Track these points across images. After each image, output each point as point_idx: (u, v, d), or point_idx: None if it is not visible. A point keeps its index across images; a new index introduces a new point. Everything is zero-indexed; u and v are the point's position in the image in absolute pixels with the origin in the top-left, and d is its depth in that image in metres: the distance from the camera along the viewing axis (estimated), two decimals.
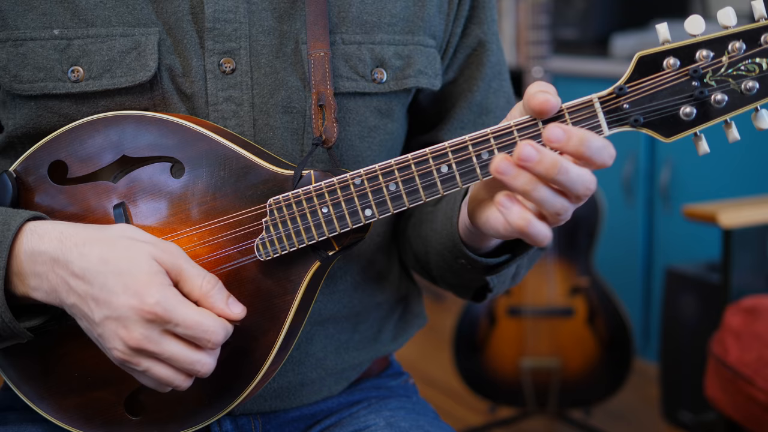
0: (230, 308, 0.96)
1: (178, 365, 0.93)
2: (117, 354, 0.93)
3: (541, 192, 0.89)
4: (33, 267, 0.95)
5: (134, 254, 0.93)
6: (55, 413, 1.05)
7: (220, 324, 0.94)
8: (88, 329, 0.95)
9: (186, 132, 1.00)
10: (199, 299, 0.94)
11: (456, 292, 1.19)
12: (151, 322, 0.91)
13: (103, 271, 0.92)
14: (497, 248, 1.08)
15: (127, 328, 0.92)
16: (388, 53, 1.09)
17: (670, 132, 0.90)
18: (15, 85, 1.04)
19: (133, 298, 0.91)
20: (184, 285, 0.94)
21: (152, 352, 0.92)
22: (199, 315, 0.93)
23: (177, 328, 0.92)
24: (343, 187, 0.96)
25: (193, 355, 0.93)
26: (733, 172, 2.91)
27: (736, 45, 0.87)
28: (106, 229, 0.96)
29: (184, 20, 1.04)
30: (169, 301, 0.92)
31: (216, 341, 0.93)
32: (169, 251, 0.95)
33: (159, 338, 0.92)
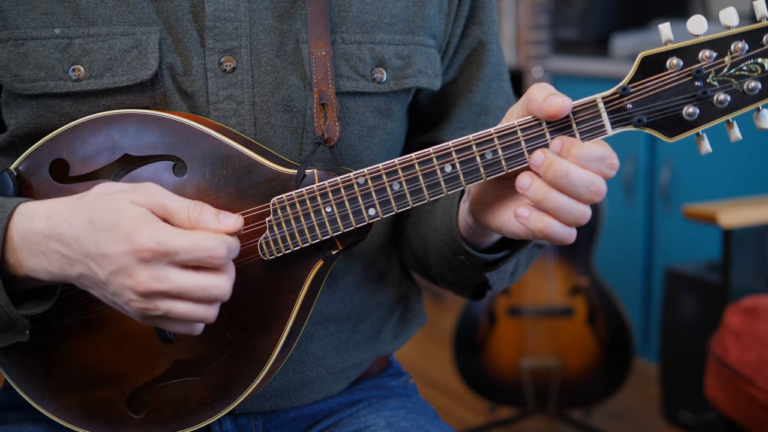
0: (222, 222, 0.93)
1: (193, 296, 0.92)
2: (134, 305, 0.92)
3: (555, 199, 0.90)
4: (29, 248, 0.95)
5: (115, 206, 0.92)
6: (56, 412, 1.05)
7: (219, 239, 0.92)
8: (102, 296, 0.94)
9: (188, 130, 1.00)
10: (191, 228, 0.93)
11: (455, 291, 1.19)
12: (151, 261, 0.90)
13: (92, 232, 0.92)
14: (496, 244, 1.08)
15: (131, 275, 0.90)
16: (388, 53, 1.09)
17: (673, 132, 0.91)
18: (16, 84, 1.04)
19: (125, 244, 0.90)
20: (173, 219, 0.93)
21: (164, 291, 0.91)
22: (194, 237, 0.91)
23: (177, 256, 0.90)
24: (346, 187, 0.96)
25: (204, 279, 0.92)
26: (733, 172, 2.92)
27: (739, 45, 0.88)
28: (86, 194, 0.95)
29: (184, 19, 1.05)
30: (160, 234, 0.90)
31: (220, 256, 0.91)
32: (148, 192, 0.94)
33: (165, 274, 0.90)
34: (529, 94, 0.92)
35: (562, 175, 0.89)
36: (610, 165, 0.90)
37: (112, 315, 1.03)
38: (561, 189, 0.90)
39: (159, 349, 1.03)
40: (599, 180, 0.90)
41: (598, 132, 0.91)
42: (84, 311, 1.04)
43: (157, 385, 1.03)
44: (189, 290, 0.91)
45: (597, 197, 0.90)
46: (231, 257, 0.93)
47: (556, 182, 0.90)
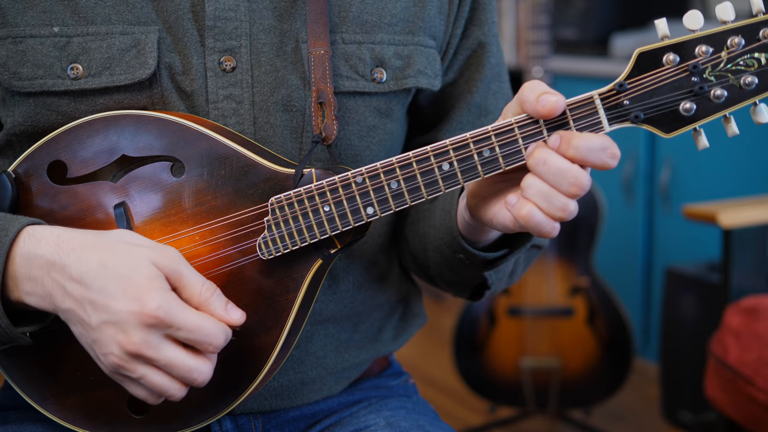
0: (229, 314, 0.95)
1: (175, 372, 0.92)
2: (113, 359, 0.92)
3: (536, 186, 0.90)
4: (28, 271, 0.94)
5: (133, 259, 0.92)
6: (57, 413, 1.05)
7: (221, 328, 0.93)
8: (81, 335, 0.94)
9: (186, 131, 1.00)
10: (198, 306, 0.93)
11: (453, 291, 1.19)
12: (152, 327, 0.90)
13: (101, 276, 0.91)
14: (495, 243, 1.08)
15: (125, 332, 0.90)
16: (388, 53, 1.09)
17: (670, 127, 0.91)
18: (14, 82, 1.04)
19: (134, 303, 0.90)
20: (184, 291, 0.94)
21: (150, 358, 0.91)
22: (200, 319, 0.92)
23: (179, 332, 0.91)
24: (344, 185, 0.97)
25: (192, 361, 0.92)
26: (733, 172, 2.92)
27: (735, 40, 0.88)
28: (105, 235, 0.95)
29: (184, 18, 1.05)
30: (171, 305, 0.91)
31: (217, 345, 0.93)
32: (169, 256, 0.94)
33: (158, 343, 0.91)
34: (522, 93, 0.92)
35: (541, 162, 0.90)
36: (612, 154, 0.90)
37: None
38: (540, 176, 0.90)
39: None
40: (580, 171, 0.89)
41: (596, 128, 0.91)
42: None
43: None
44: (174, 366, 0.92)
45: (577, 190, 0.89)
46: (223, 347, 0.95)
47: (534, 168, 0.90)
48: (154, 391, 0.94)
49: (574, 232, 2.70)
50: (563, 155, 0.89)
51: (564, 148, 0.89)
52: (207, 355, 0.94)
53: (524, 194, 0.91)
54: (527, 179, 0.91)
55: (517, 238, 1.07)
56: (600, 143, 0.89)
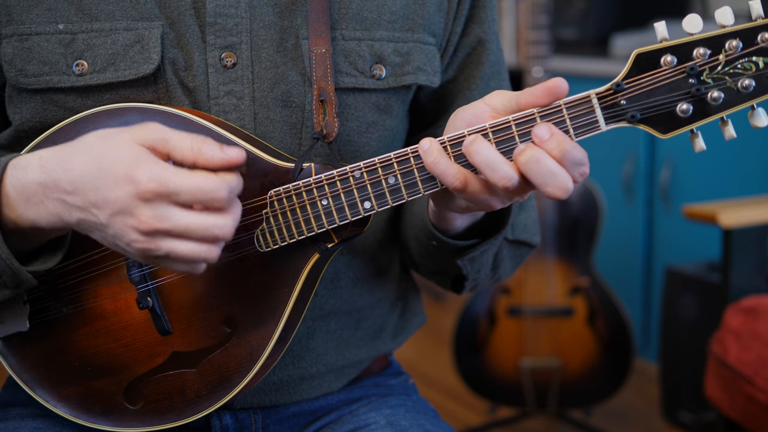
0: (226, 152, 0.93)
1: (195, 235, 0.91)
2: (137, 245, 0.91)
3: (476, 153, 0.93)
4: (26, 198, 0.94)
5: (113, 146, 0.91)
6: (55, 402, 1.06)
7: (220, 180, 0.91)
8: (103, 238, 0.94)
9: (189, 124, 1.01)
10: (194, 160, 0.92)
11: (436, 280, 1.20)
12: (153, 200, 0.89)
13: (90, 175, 0.91)
14: (469, 233, 1.09)
15: (133, 215, 0.90)
16: (387, 50, 1.10)
17: (667, 128, 0.91)
18: (21, 79, 1.05)
19: (127, 185, 0.89)
20: (175, 153, 0.92)
21: (167, 230, 0.90)
22: (196, 177, 0.90)
23: (179, 197, 0.90)
24: (342, 180, 0.97)
25: (206, 219, 0.91)
26: (733, 172, 2.91)
27: (733, 43, 0.88)
28: (81, 138, 0.95)
29: (186, 15, 1.06)
30: (162, 174, 0.90)
31: (221, 197, 0.91)
32: (149, 128, 0.93)
33: (168, 213, 0.90)
34: (524, 90, 0.93)
35: (533, 159, 0.90)
36: (582, 173, 0.92)
37: (110, 307, 1.04)
38: (527, 173, 0.91)
39: (156, 341, 1.04)
40: (567, 176, 0.90)
41: (592, 127, 0.92)
42: (82, 303, 1.05)
43: (153, 377, 1.04)
44: (191, 230, 0.91)
45: (562, 194, 0.90)
46: (233, 197, 0.93)
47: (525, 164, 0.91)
48: (187, 260, 0.92)
49: (574, 232, 2.70)
50: (548, 152, 0.90)
51: (551, 146, 0.90)
52: (225, 209, 0.92)
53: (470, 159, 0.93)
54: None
55: (491, 229, 1.08)
56: (581, 157, 0.91)
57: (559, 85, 0.91)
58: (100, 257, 1.03)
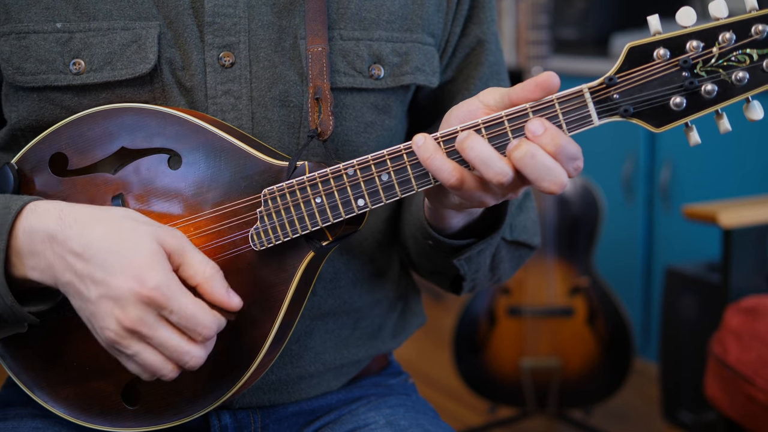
0: (230, 297, 0.95)
1: (168, 353, 0.93)
2: (109, 334, 0.93)
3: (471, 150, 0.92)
4: (31, 245, 0.95)
5: (138, 235, 0.93)
6: (53, 402, 1.06)
7: (214, 319, 0.94)
8: (80, 308, 0.95)
9: (184, 124, 1.01)
10: (200, 284, 0.94)
11: (434, 281, 1.20)
12: (148, 306, 0.91)
13: (103, 250, 0.92)
14: (465, 233, 1.09)
15: (123, 308, 0.91)
16: (385, 50, 1.10)
17: (661, 122, 0.90)
18: (18, 77, 1.05)
19: (133, 280, 0.91)
20: (187, 269, 0.94)
21: (145, 336, 0.92)
22: (195, 306, 0.93)
23: (171, 315, 0.92)
24: (336, 178, 0.97)
25: (185, 345, 0.93)
26: (733, 172, 2.91)
27: (727, 36, 0.87)
28: (109, 210, 0.96)
29: (184, 14, 1.06)
30: (170, 287, 0.91)
31: (207, 336, 0.93)
32: (174, 235, 0.95)
33: (154, 322, 0.92)
34: (518, 85, 0.93)
35: (529, 155, 0.89)
36: (577, 168, 0.91)
37: None
38: (523, 169, 0.90)
39: None
40: (562, 171, 0.90)
41: (585, 122, 0.91)
42: None
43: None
44: (168, 347, 0.93)
45: (557, 189, 0.90)
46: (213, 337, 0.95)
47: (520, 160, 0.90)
48: (146, 368, 0.94)
49: (574, 232, 2.70)
50: (542, 147, 0.90)
51: (546, 141, 0.89)
52: (200, 343, 0.94)
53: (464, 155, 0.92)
54: None
55: (487, 229, 1.08)
56: (576, 152, 0.90)
57: (550, 80, 0.90)
58: None
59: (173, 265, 0.94)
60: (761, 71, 0.87)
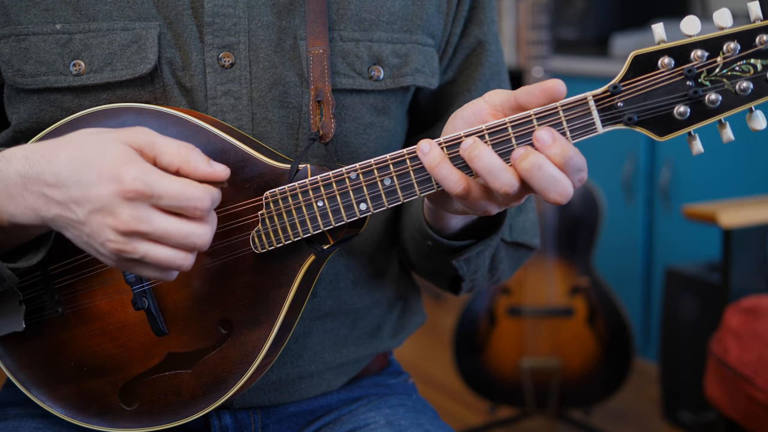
0: (213, 167, 0.93)
1: (173, 241, 0.91)
2: (111, 246, 0.90)
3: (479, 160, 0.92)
4: (6, 191, 0.93)
5: (102, 143, 0.91)
6: (51, 402, 1.06)
7: (205, 190, 0.91)
8: (76, 237, 0.93)
9: (184, 125, 1.01)
10: (180, 166, 0.92)
11: (433, 281, 1.21)
12: (135, 201, 0.89)
13: (74, 169, 0.90)
14: (464, 234, 1.09)
15: (113, 214, 0.89)
16: (385, 51, 1.10)
17: (664, 131, 0.90)
18: (18, 79, 1.05)
19: (111, 182, 0.89)
20: (162, 157, 0.92)
21: (145, 232, 0.90)
22: (181, 183, 0.90)
23: (161, 200, 0.89)
24: (338, 181, 0.97)
25: (186, 226, 0.91)
26: (733, 172, 2.91)
27: (731, 45, 0.87)
28: (69, 135, 0.94)
29: (184, 14, 1.06)
30: (148, 175, 0.89)
31: (203, 207, 0.91)
32: (139, 130, 0.93)
33: (148, 215, 0.89)
34: (523, 88, 0.93)
35: (536, 166, 0.89)
36: (581, 179, 0.91)
37: (105, 307, 1.04)
38: (530, 179, 0.90)
39: (151, 342, 1.04)
40: (568, 182, 0.90)
41: (589, 130, 0.91)
42: (78, 303, 1.05)
43: (149, 377, 1.04)
44: (170, 235, 0.90)
45: (562, 200, 0.90)
46: (213, 208, 0.93)
47: (527, 171, 0.90)
48: (161, 266, 0.92)
49: (574, 232, 2.70)
50: (550, 158, 0.89)
51: (555, 152, 0.89)
52: (204, 219, 0.92)
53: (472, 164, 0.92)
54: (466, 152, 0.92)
55: (487, 230, 1.08)
56: (582, 163, 0.90)
57: (556, 87, 0.90)
58: (96, 257, 1.03)
59: (148, 159, 0.92)
60: (765, 81, 0.87)
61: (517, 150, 0.91)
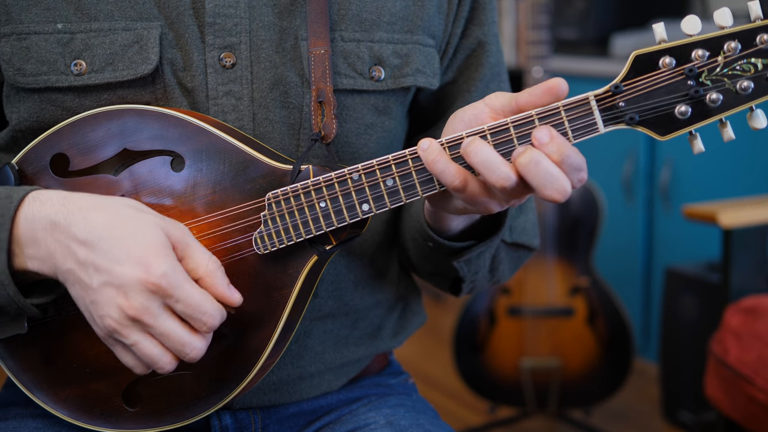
0: (231, 292, 0.95)
1: (169, 343, 0.92)
2: (109, 322, 0.91)
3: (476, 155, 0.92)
4: (32, 234, 0.93)
5: (142, 224, 0.92)
6: (53, 404, 1.06)
7: (219, 309, 0.93)
8: (79, 296, 0.93)
9: (187, 126, 1.01)
10: (202, 278, 0.93)
11: (434, 282, 1.21)
12: (153, 294, 0.90)
13: (107, 237, 0.91)
14: (465, 235, 1.09)
15: (127, 296, 0.90)
16: (386, 51, 1.10)
17: (665, 130, 0.91)
18: (19, 78, 1.05)
19: (138, 267, 0.90)
20: (189, 261, 0.93)
21: (147, 325, 0.91)
22: (201, 295, 0.92)
23: (177, 304, 0.91)
24: (341, 182, 0.97)
25: (187, 335, 0.92)
26: (733, 172, 2.91)
27: (732, 45, 0.88)
28: (112, 198, 0.95)
29: (185, 15, 1.06)
30: (176, 276, 0.90)
31: (211, 325, 0.93)
32: (177, 226, 0.94)
33: (158, 311, 0.91)
34: (525, 91, 0.93)
35: (533, 162, 0.89)
36: (580, 179, 0.91)
37: None
38: (526, 175, 0.90)
39: None
40: (566, 180, 0.90)
41: (591, 129, 0.91)
42: None
43: (152, 379, 1.04)
44: (169, 337, 0.92)
45: (559, 197, 0.90)
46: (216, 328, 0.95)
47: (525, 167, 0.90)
48: (144, 359, 0.93)
49: (574, 232, 2.70)
50: (548, 155, 0.90)
51: (551, 149, 0.90)
52: (202, 333, 0.94)
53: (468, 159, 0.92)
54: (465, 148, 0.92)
55: (487, 231, 1.08)
56: (580, 163, 0.90)
57: (559, 86, 0.90)
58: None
59: (177, 256, 0.93)
60: (766, 80, 0.88)
61: (517, 148, 0.91)
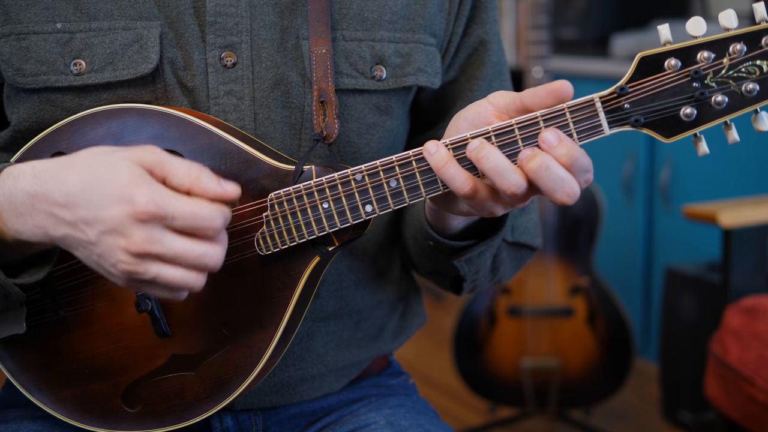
0: (223, 187, 0.92)
1: (186, 262, 0.90)
2: (123, 267, 0.89)
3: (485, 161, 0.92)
4: (14, 209, 0.92)
5: (112, 164, 0.90)
6: (52, 405, 1.06)
7: (216, 210, 0.91)
8: (86, 256, 0.92)
9: (188, 126, 1.00)
10: (190, 187, 0.91)
11: (434, 281, 1.20)
12: (149, 222, 0.88)
13: (85, 190, 0.89)
14: (466, 234, 1.09)
15: (125, 235, 0.88)
16: (388, 51, 1.10)
17: (671, 132, 0.91)
18: (18, 78, 1.05)
19: (123, 204, 0.88)
20: (172, 178, 0.91)
21: (157, 254, 0.89)
22: (194, 204, 0.89)
23: (175, 221, 0.89)
24: (344, 183, 0.97)
25: (199, 247, 0.90)
26: (733, 172, 2.91)
27: (737, 47, 0.88)
28: (77, 154, 0.93)
29: (185, 14, 1.05)
30: (161, 196, 0.88)
31: (216, 227, 0.90)
32: (148, 150, 0.92)
33: (161, 237, 0.89)
34: (528, 90, 0.92)
35: (543, 166, 0.89)
36: (587, 180, 0.91)
37: (108, 309, 1.04)
38: (536, 180, 0.90)
39: (155, 344, 1.03)
40: (575, 182, 0.90)
41: (596, 131, 0.91)
42: (80, 305, 1.04)
43: (152, 380, 1.03)
44: (183, 256, 0.90)
45: (569, 200, 0.90)
46: (224, 228, 0.92)
47: (535, 171, 0.90)
48: (173, 286, 0.91)
49: (574, 232, 2.70)
50: (557, 158, 0.90)
51: (561, 153, 0.89)
52: (213, 239, 0.92)
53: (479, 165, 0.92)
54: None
55: (488, 231, 1.08)
56: (588, 164, 0.90)
57: (563, 88, 0.90)
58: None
59: (158, 179, 0.91)
60: None
61: (524, 151, 0.91)
